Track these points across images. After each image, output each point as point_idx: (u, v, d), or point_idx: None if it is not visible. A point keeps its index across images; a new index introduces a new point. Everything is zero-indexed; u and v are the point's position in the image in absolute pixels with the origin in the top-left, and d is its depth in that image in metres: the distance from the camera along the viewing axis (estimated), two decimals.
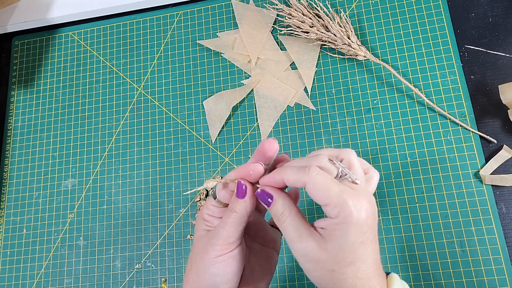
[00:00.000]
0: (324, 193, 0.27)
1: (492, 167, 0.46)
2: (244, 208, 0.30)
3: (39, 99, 0.61)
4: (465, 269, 0.44)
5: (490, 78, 0.50)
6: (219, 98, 0.55)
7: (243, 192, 0.30)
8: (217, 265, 0.30)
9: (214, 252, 0.30)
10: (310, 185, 0.28)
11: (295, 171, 0.29)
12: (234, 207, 0.30)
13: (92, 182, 0.56)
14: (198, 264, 0.31)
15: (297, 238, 0.28)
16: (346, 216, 0.27)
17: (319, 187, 0.27)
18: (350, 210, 0.27)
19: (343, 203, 0.27)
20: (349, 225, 0.27)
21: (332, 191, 0.27)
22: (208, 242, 0.31)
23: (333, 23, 0.52)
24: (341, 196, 0.27)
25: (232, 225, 0.30)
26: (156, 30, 0.61)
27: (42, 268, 0.54)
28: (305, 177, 0.28)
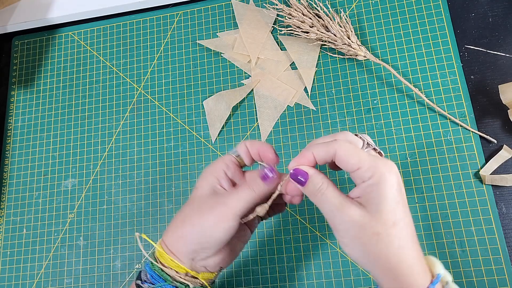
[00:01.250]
0: (355, 158, 0.29)
1: (492, 167, 0.46)
2: (264, 191, 0.32)
3: (39, 99, 0.61)
4: (465, 269, 0.44)
5: (490, 78, 0.50)
6: (219, 98, 0.55)
7: (269, 178, 0.32)
8: (215, 230, 0.31)
9: (216, 217, 0.31)
10: (341, 152, 0.29)
11: (323, 145, 0.30)
12: (255, 187, 0.31)
13: (92, 182, 0.56)
14: (196, 223, 0.31)
15: (340, 207, 0.29)
16: (380, 175, 0.28)
17: (350, 153, 0.29)
18: (382, 170, 0.28)
19: (375, 164, 0.29)
20: (384, 184, 0.28)
21: (363, 155, 0.29)
22: (216, 206, 0.31)
23: (333, 23, 0.52)
24: (372, 159, 0.29)
25: (244, 200, 0.31)
26: (156, 30, 0.61)
27: (42, 268, 0.54)
28: (335, 146, 0.30)
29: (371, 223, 0.28)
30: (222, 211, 0.31)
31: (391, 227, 0.28)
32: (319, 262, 0.48)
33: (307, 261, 0.48)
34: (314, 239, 0.48)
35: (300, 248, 0.48)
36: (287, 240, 0.49)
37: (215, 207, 0.31)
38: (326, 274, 0.47)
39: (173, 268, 0.32)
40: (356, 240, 0.29)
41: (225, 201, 0.31)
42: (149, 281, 0.32)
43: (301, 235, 0.49)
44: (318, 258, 0.48)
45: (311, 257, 0.48)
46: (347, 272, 0.47)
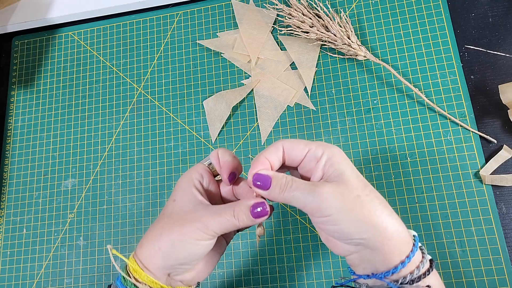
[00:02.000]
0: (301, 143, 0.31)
1: (492, 167, 0.46)
2: (247, 225, 0.31)
3: (39, 99, 0.61)
4: (465, 269, 0.44)
5: (490, 78, 0.50)
6: (219, 98, 0.55)
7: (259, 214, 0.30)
8: (194, 247, 0.30)
9: (196, 235, 0.30)
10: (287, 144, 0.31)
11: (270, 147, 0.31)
12: (240, 220, 0.30)
13: (92, 182, 0.56)
14: (175, 237, 0.30)
15: (313, 187, 0.29)
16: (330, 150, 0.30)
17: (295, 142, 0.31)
18: (328, 145, 0.30)
19: (320, 143, 0.31)
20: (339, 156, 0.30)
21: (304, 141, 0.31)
22: (193, 222, 0.30)
23: (333, 23, 0.52)
24: (314, 141, 0.31)
25: (225, 227, 0.30)
26: (156, 30, 0.61)
27: (42, 268, 0.54)
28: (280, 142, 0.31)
29: (347, 190, 0.29)
30: (201, 228, 0.30)
31: (365, 187, 0.29)
32: (319, 262, 0.48)
33: (307, 261, 0.48)
34: (314, 239, 0.48)
35: (300, 248, 0.48)
36: (287, 240, 0.49)
37: (195, 224, 0.30)
38: (326, 274, 0.47)
39: (147, 283, 0.31)
40: (341, 211, 0.28)
41: (206, 220, 0.30)
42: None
43: (301, 235, 0.49)
44: (318, 258, 0.48)
45: (311, 257, 0.48)
46: (347, 272, 0.46)
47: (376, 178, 0.49)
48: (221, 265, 0.50)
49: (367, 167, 0.49)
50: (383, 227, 0.28)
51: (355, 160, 0.50)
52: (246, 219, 0.30)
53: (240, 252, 0.50)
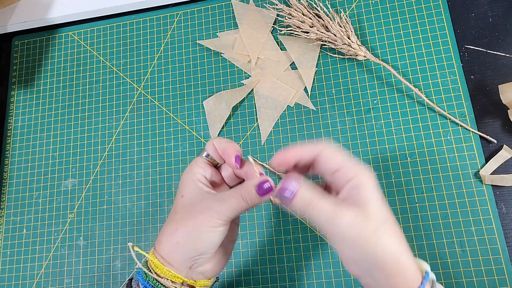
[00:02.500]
0: (339, 158, 0.30)
1: (492, 167, 0.46)
2: (256, 204, 0.31)
3: (39, 99, 0.61)
4: (465, 269, 0.44)
5: (490, 78, 0.50)
6: (219, 98, 0.55)
7: (264, 192, 0.31)
8: (211, 235, 0.31)
9: (210, 223, 0.31)
10: (326, 151, 0.31)
11: (310, 144, 0.32)
12: (249, 200, 0.31)
13: (92, 182, 0.56)
14: (191, 228, 0.31)
15: (333, 215, 0.29)
16: (363, 175, 0.29)
17: (335, 153, 0.31)
18: (363, 171, 0.30)
19: (355, 164, 0.30)
20: (368, 184, 0.29)
21: (343, 156, 0.31)
22: (206, 211, 0.31)
23: (333, 23, 0.52)
24: (351, 160, 0.30)
25: (236, 210, 0.31)
26: (156, 30, 0.61)
27: (42, 268, 0.54)
28: (321, 146, 0.31)
29: (365, 222, 0.28)
30: (214, 216, 0.31)
31: (383, 223, 0.29)
32: (319, 262, 0.48)
33: (307, 261, 0.48)
34: (314, 239, 0.48)
35: (300, 248, 0.48)
36: (287, 240, 0.49)
37: (208, 212, 0.31)
38: (326, 274, 0.47)
39: (169, 278, 0.32)
40: (355, 243, 0.28)
41: (217, 208, 0.31)
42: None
43: (301, 235, 0.49)
44: (318, 258, 0.48)
45: (311, 257, 0.48)
46: (347, 272, 0.46)
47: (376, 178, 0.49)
48: None
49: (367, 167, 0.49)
50: (391, 266, 0.28)
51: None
52: (254, 198, 0.31)
53: (240, 252, 0.50)
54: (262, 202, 0.32)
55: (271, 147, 0.53)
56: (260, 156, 0.53)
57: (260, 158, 0.53)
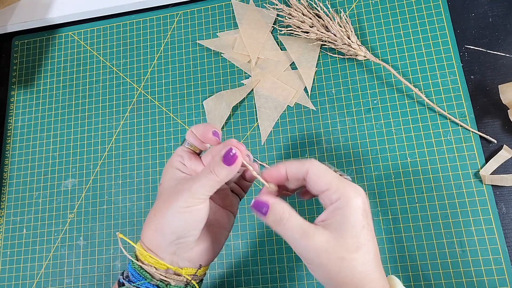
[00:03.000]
0: (325, 178, 0.30)
1: (492, 167, 0.46)
2: (226, 175, 0.31)
3: (39, 99, 0.61)
4: (465, 269, 0.44)
5: (490, 78, 0.50)
6: (219, 98, 0.55)
7: (230, 160, 0.30)
8: (185, 215, 0.30)
9: (183, 202, 0.30)
10: (313, 170, 0.30)
11: (297, 162, 0.31)
12: (217, 172, 0.30)
13: (92, 182, 0.56)
14: (164, 212, 0.31)
15: (303, 235, 0.29)
16: (346, 199, 0.29)
17: (321, 172, 0.30)
18: (349, 194, 0.29)
19: (343, 187, 0.29)
20: (350, 208, 0.29)
21: (333, 176, 0.30)
22: (179, 192, 0.31)
23: (333, 23, 0.52)
24: (340, 181, 0.29)
25: (207, 185, 0.30)
26: (156, 30, 0.61)
27: (42, 268, 0.54)
28: (307, 164, 0.30)
29: (336, 248, 0.28)
30: (187, 196, 0.30)
31: (354, 251, 0.28)
32: None
33: None
34: None
35: None
36: None
37: (180, 193, 0.31)
38: None
39: (152, 264, 0.31)
40: (321, 266, 0.29)
41: (189, 187, 0.31)
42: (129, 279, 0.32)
43: None
44: None
45: None
46: None
47: (376, 178, 0.49)
48: (221, 265, 0.50)
49: (367, 167, 0.49)
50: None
51: (355, 160, 0.50)
52: (222, 169, 0.30)
53: (240, 252, 0.50)
54: (232, 174, 0.31)
55: (271, 147, 0.53)
56: (260, 156, 0.53)
57: (260, 158, 0.53)
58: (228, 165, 0.30)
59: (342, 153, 0.51)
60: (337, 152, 0.51)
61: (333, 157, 0.51)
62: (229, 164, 0.30)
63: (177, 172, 0.33)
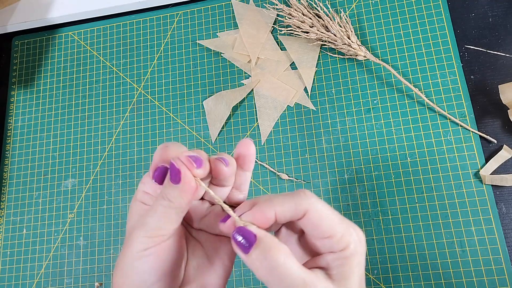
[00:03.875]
0: (328, 222, 0.23)
1: (492, 167, 0.46)
2: (183, 199, 0.23)
3: (39, 99, 0.61)
4: (465, 269, 0.44)
5: (490, 78, 0.50)
6: (219, 98, 0.55)
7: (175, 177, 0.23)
8: (144, 260, 0.23)
9: (139, 245, 0.23)
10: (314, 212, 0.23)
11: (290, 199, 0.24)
12: (169, 196, 0.23)
13: (92, 182, 0.56)
14: (121, 262, 0.24)
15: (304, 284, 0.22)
16: (353, 249, 0.24)
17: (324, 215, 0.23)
18: (356, 242, 0.24)
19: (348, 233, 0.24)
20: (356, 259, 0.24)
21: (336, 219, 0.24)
22: (133, 233, 0.24)
23: (333, 23, 0.52)
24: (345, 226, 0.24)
25: (165, 216, 0.23)
26: (156, 30, 0.61)
27: (42, 268, 0.54)
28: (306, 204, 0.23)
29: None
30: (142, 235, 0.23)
31: None
32: None
33: None
34: None
35: None
36: None
37: (134, 233, 0.24)
38: None
39: None
40: None
41: (142, 223, 0.24)
42: None
43: None
44: None
45: None
46: None
47: (376, 178, 0.49)
48: None
49: (367, 167, 0.49)
50: None
51: (355, 160, 0.50)
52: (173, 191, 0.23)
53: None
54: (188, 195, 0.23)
55: (271, 147, 0.53)
56: (260, 156, 0.53)
57: (260, 158, 0.53)
58: (175, 182, 0.23)
59: (342, 153, 0.51)
60: (337, 152, 0.51)
61: (333, 157, 0.51)
62: (175, 181, 0.23)
63: (140, 206, 0.26)
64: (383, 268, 0.46)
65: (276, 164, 0.52)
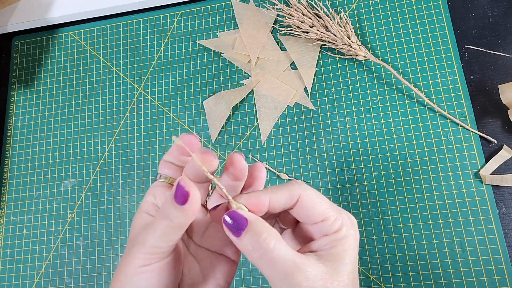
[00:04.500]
0: (322, 206, 0.24)
1: (492, 167, 0.46)
2: (184, 218, 0.23)
3: (39, 99, 0.61)
4: (465, 269, 0.44)
5: (490, 78, 0.50)
6: (219, 98, 0.55)
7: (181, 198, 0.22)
8: (143, 276, 0.23)
9: (139, 261, 0.23)
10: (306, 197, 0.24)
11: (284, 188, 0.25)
12: (171, 215, 0.23)
13: (92, 182, 0.56)
14: (121, 274, 0.24)
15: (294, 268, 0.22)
16: (346, 231, 0.24)
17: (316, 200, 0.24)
18: (349, 225, 0.25)
19: (341, 217, 0.25)
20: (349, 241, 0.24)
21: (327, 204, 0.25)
22: (132, 249, 0.24)
23: (333, 23, 0.52)
24: (337, 210, 0.25)
25: (164, 235, 0.23)
26: (156, 30, 0.61)
27: (42, 268, 0.54)
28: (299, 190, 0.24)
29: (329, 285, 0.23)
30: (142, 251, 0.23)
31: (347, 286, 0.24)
32: None
33: None
34: None
35: None
36: None
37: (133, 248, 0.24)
38: None
39: None
40: None
41: (143, 239, 0.24)
42: None
43: None
44: None
45: None
46: None
47: (376, 178, 0.49)
48: None
49: (367, 167, 0.49)
50: None
51: (355, 160, 0.50)
52: (175, 211, 0.23)
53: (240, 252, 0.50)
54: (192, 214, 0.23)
55: (271, 147, 0.53)
56: (260, 156, 0.53)
57: (260, 158, 0.53)
58: (182, 204, 0.22)
59: (342, 153, 0.51)
60: (337, 152, 0.51)
61: (333, 157, 0.51)
62: (182, 202, 0.22)
63: (145, 217, 0.26)
64: (383, 268, 0.46)
65: (276, 164, 0.52)
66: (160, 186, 0.27)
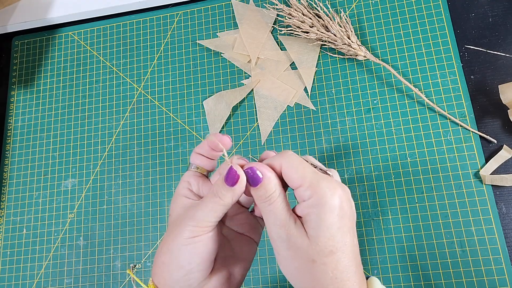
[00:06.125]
0: (298, 173, 0.27)
1: (492, 167, 0.46)
2: (231, 197, 0.28)
3: (39, 99, 0.61)
4: (465, 269, 0.44)
5: (490, 78, 0.50)
6: (219, 98, 0.55)
7: (234, 180, 0.27)
8: (191, 246, 0.27)
9: (188, 232, 0.27)
10: (286, 164, 0.27)
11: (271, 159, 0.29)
12: (220, 194, 0.28)
13: (92, 182, 0.56)
14: (170, 245, 0.28)
15: (283, 222, 0.27)
16: (319, 197, 0.26)
17: (295, 166, 0.27)
18: (324, 192, 0.26)
19: (316, 184, 0.26)
20: (323, 207, 0.26)
21: (307, 171, 0.27)
22: (182, 221, 0.28)
23: (333, 23, 0.52)
24: (315, 178, 0.27)
25: (213, 210, 0.28)
26: (156, 30, 0.61)
27: (42, 268, 0.54)
28: (281, 159, 0.28)
29: (308, 248, 0.26)
30: (191, 224, 0.28)
31: (326, 256, 0.26)
32: None
33: None
34: None
35: None
36: None
37: (184, 222, 0.28)
38: None
39: None
40: (290, 261, 0.27)
41: (192, 214, 0.28)
42: None
43: None
44: None
45: None
46: None
47: (376, 178, 0.49)
48: None
49: (367, 167, 0.49)
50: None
51: (355, 160, 0.50)
52: (225, 191, 0.27)
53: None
54: (237, 195, 0.28)
55: (271, 147, 0.53)
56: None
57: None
58: (231, 185, 0.27)
59: (342, 153, 0.51)
60: (337, 152, 0.51)
61: (333, 157, 0.51)
62: (231, 184, 0.27)
63: (184, 200, 0.30)
64: (383, 268, 0.46)
65: None
66: (192, 176, 0.31)
